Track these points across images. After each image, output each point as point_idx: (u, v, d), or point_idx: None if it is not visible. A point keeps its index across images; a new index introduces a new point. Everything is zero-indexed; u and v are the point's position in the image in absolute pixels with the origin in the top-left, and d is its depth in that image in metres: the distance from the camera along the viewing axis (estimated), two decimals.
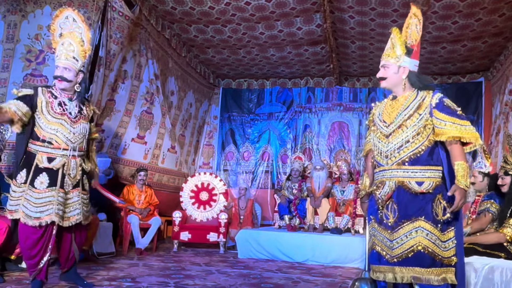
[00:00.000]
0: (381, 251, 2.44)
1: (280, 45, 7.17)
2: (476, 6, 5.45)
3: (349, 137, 8.48)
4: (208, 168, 8.95)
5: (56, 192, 3.11)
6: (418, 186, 2.38)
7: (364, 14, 5.87)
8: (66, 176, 3.18)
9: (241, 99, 9.18)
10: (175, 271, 4.47)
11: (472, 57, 7.15)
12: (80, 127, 3.26)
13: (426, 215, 2.35)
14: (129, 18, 5.69)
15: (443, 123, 2.39)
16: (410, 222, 2.36)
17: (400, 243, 2.36)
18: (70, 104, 3.25)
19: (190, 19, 6.31)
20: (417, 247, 2.30)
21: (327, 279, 4.44)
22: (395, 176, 2.44)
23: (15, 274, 3.85)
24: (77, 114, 3.26)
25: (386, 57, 2.57)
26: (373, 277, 2.52)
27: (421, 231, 2.32)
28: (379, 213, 2.50)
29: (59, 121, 3.16)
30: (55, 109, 3.18)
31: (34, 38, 5.02)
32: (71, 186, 3.22)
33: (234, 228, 6.72)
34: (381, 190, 2.49)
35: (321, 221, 6.22)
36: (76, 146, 3.22)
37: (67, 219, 3.19)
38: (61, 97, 3.23)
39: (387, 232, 2.43)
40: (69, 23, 3.26)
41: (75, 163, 3.23)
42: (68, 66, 3.18)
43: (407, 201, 2.39)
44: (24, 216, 3.03)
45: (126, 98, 6.27)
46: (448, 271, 2.31)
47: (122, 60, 5.94)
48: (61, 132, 3.16)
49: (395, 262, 2.36)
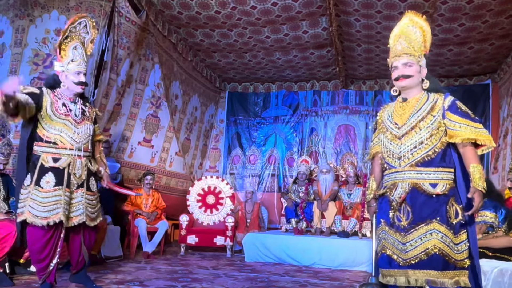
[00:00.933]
0: (392, 255, 2.40)
1: (286, 49, 7.19)
2: (482, 8, 5.43)
3: (355, 140, 8.47)
4: (214, 171, 8.97)
5: (62, 192, 3.12)
6: (432, 188, 2.36)
7: (370, 17, 5.87)
8: (71, 175, 3.19)
9: (247, 102, 9.20)
10: (183, 274, 4.47)
11: (479, 59, 7.12)
12: (84, 128, 3.28)
13: (440, 217, 2.32)
14: (136, 23, 5.72)
15: (457, 125, 2.37)
16: (425, 224, 2.33)
17: (414, 245, 2.32)
18: (73, 106, 3.27)
19: (196, 23, 6.34)
20: (432, 249, 2.27)
21: (335, 282, 4.42)
22: (408, 178, 2.41)
23: (24, 278, 3.88)
24: (81, 115, 3.28)
25: (407, 56, 2.50)
26: (383, 282, 2.46)
27: (436, 233, 2.30)
28: (391, 215, 2.46)
29: (63, 122, 3.18)
30: (60, 110, 3.18)
31: (41, 42, 5.07)
32: (75, 186, 3.22)
33: (241, 232, 6.72)
34: (394, 192, 2.45)
35: (328, 224, 6.20)
36: (81, 146, 3.23)
37: (70, 219, 3.18)
38: (63, 99, 3.24)
39: (399, 234, 2.39)
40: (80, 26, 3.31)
41: (80, 163, 3.24)
42: (84, 71, 3.24)
43: (422, 203, 2.36)
44: (31, 217, 3.03)
45: (130, 102, 6.32)
46: (461, 274, 2.28)
47: (130, 65, 5.98)
48: (66, 132, 3.18)
49: (408, 265, 2.32)
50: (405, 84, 2.50)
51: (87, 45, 3.37)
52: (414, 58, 2.49)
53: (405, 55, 2.49)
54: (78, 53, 3.24)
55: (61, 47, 3.26)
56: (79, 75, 3.23)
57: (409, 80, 2.49)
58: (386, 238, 2.46)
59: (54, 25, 5.12)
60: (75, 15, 3.40)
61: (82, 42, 3.31)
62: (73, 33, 3.29)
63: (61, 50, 3.25)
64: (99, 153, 3.56)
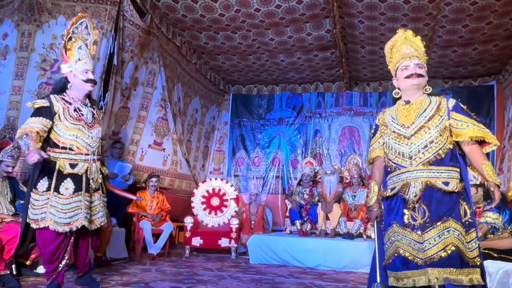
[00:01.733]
0: (408, 256, 2.37)
1: (289, 51, 7.21)
2: (487, 10, 5.43)
3: (359, 141, 8.47)
4: (219, 173, 8.99)
5: (82, 197, 3.14)
6: (445, 186, 2.38)
7: (373, 19, 5.88)
8: (90, 180, 3.21)
9: (251, 104, 9.22)
10: (188, 276, 4.49)
11: (484, 61, 7.11)
12: (96, 131, 3.30)
13: (455, 215, 2.34)
14: (140, 27, 5.77)
15: (464, 124, 2.42)
16: (441, 222, 2.33)
17: (432, 243, 2.31)
18: (85, 109, 3.28)
19: (201, 26, 6.38)
20: (451, 247, 2.27)
21: (340, 284, 4.43)
22: (421, 177, 2.42)
23: (30, 280, 3.91)
24: (92, 119, 3.29)
25: (417, 58, 2.57)
26: (398, 285, 2.39)
27: (453, 231, 2.30)
28: (406, 215, 2.44)
29: (77, 127, 3.19)
30: (72, 115, 3.19)
31: (48, 48, 5.11)
32: (93, 190, 3.25)
33: (246, 234, 6.73)
34: (408, 191, 2.44)
35: (333, 226, 6.20)
36: (95, 150, 3.25)
37: (93, 222, 3.24)
38: (75, 103, 3.25)
39: (415, 234, 2.37)
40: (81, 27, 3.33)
41: (95, 167, 3.26)
42: (91, 69, 3.25)
43: (437, 201, 2.37)
44: (53, 223, 3.04)
45: (138, 105, 6.35)
46: (474, 272, 2.28)
47: (135, 68, 6.02)
48: (81, 138, 3.19)
49: (427, 264, 2.30)
50: (417, 82, 2.53)
51: (90, 46, 3.39)
52: (423, 61, 2.58)
53: (416, 58, 2.57)
54: (83, 52, 3.26)
55: (66, 48, 3.27)
56: (87, 73, 3.24)
57: (422, 79, 2.54)
58: (400, 240, 2.42)
59: (61, 31, 5.15)
60: (75, 16, 3.40)
61: (86, 43, 3.34)
62: (76, 34, 3.32)
63: (67, 51, 3.27)
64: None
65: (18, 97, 5.01)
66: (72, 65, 3.23)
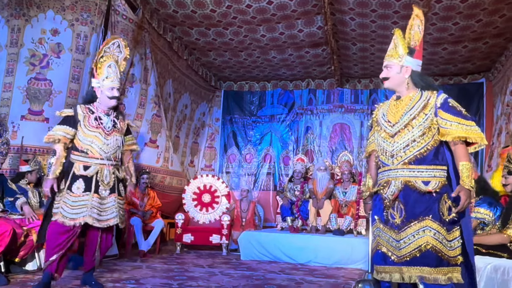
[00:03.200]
0: (386, 252, 2.42)
1: (281, 47, 7.20)
2: (476, 7, 5.47)
3: (350, 138, 8.51)
4: (210, 170, 8.98)
5: (90, 197, 3.41)
6: (424, 185, 2.38)
7: (364, 16, 5.89)
8: (99, 182, 3.47)
9: (242, 101, 9.21)
10: (178, 272, 4.48)
11: (473, 58, 7.17)
12: (113, 139, 3.55)
13: (433, 214, 2.35)
14: (133, 21, 5.72)
15: (448, 123, 2.40)
16: (418, 221, 2.35)
17: (407, 242, 2.35)
18: (106, 119, 3.56)
19: (192, 22, 6.35)
20: (425, 246, 2.30)
21: (330, 280, 4.45)
22: (401, 176, 2.44)
23: (19, 277, 3.88)
24: (111, 127, 3.56)
25: (389, 58, 2.58)
26: (377, 278, 2.49)
27: (429, 230, 2.32)
28: (385, 213, 2.49)
29: (94, 134, 3.48)
30: (91, 123, 3.49)
31: (38, 42, 5.05)
32: (107, 192, 3.50)
33: (237, 230, 6.72)
34: (387, 189, 2.48)
35: (324, 222, 6.23)
36: (110, 156, 3.51)
37: (104, 221, 3.47)
38: (97, 112, 3.56)
39: (393, 232, 2.42)
40: (113, 47, 3.71)
41: (108, 171, 3.51)
42: (117, 87, 3.59)
43: (414, 200, 2.39)
44: (61, 217, 3.35)
45: (136, 102, 6.30)
46: (454, 271, 2.31)
47: (130, 64, 5.98)
48: (96, 143, 3.47)
49: (402, 262, 2.35)
50: (386, 86, 2.62)
51: (120, 62, 3.72)
52: (394, 60, 2.55)
53: (387, 57, 2.60)
54: (112, 70, 3.57)
55: (97, 66, 3.59)
56: (113, 90, 3.55)
57: (388, 82, 2.60)
58: (381, 235, 2.49)
59: (50, 25, 5.10)
60: (109, 38, 3.79)
61: (116, 60, 3.67)
62: (107, 52, 3.66)
63: (97, 69, 3.59)
64: (127, 162, 3.80)
65: (8, 94, 4.95)
66: (100, 81, 3.56)
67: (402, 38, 2.57)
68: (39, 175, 4.67)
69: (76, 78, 5.20)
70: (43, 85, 5.04)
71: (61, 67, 5.12)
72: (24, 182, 4.59)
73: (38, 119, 5.02)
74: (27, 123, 4.96)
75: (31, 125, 4.96)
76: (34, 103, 5.00)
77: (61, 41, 5.12)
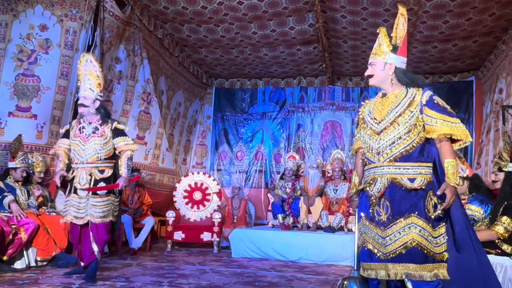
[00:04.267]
0: (373, 249, 2.43)
1: (272, 45, 7.19)
2: (466, 6, 5.51)
3: (341, 136, 8.53)
4: (201, 167, 8.95)
5: (71, 197, 3.89)
6: (410, 182, 2.39)
7: (356, 14, 5.90)
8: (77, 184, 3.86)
9: (234, 98, 9.19)
10: (169, 270, 4.46)
11: (463, 56, 7.22)
12: (91, 144, 3.89)
13: (418, 211, 2.35)
14: (119, 18, 5.67)
15: (434, 121, 2.41)
16: (403, 218, 2.36)
17: (393, 239, 2.36)
18: (88, 127, 3.93)
19: (183, 18, 6.31)
20: (410, 243, 2.31)
21: (320, 277, 4.47)
22: (387, 173, 2.45)
23: (7, 275, 3.83)
24: (91, 134, 3.91)
25: (373, 56, 2.61)
26: (364, 275, 2.49)
27: (414, 227, 2.33)
28: (371, 210, 2.50)
29: (75, 142, 3.93)
30: (76, 134, 3.95)
31: (26, 38, 4.97)
32: (85, 193, 3.85)
33: (228, 228, 6.72)
34: (374, 186, 2.49)
35: (314, 219, 6.24)
36: (86, 160, 3.87)
37: (81, 219, 3.86)
38: (83, 122, 3.97)
39: (379, 229, 2.43)
40: (88, 64, 4.00)
41: (84, 173, 3.86)
42: (86, 96, 3.91)
43: (400, 197, 2.40)
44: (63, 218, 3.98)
45: (122, 99, 6.25)
46: (440, 267, 2.32)
47: (116, 60, 5.93)
48: (76, 150, 3.91)
49: (388, 259, 2.36)
50: (371, 83, 2.66)
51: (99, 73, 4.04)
52: (378, 57, 2.58)
53: (372, 55, 2.63)
54: (84, 84, 3.96)
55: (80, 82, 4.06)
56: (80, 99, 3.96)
57: (372, 80, 2.63)
58: (367, 232, 2.49)
59: (38, 21, 5.03)
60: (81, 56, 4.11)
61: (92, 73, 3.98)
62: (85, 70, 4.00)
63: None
64: (121, 160, 4.00)
65: None
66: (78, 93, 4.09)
67: (386, 36, 2.59)
68: (26, 173, 4.62)
69: (65, 74, 5.15)
70: (31, 81, 4.97)
71: (49, 63, 5.05)
72: (13, 180, 4.54)
73: (26, 116, 4.97)
74: (14, 119, 4.90)
75: (19, 121, 4.90)
76: (22, 99, 4.94)
77: (49, 36, 5.05)
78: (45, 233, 4.37)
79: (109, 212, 3.90)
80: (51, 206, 4.89)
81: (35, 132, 5.01)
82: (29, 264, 4.26)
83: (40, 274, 3.94)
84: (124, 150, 3.98)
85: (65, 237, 4.54)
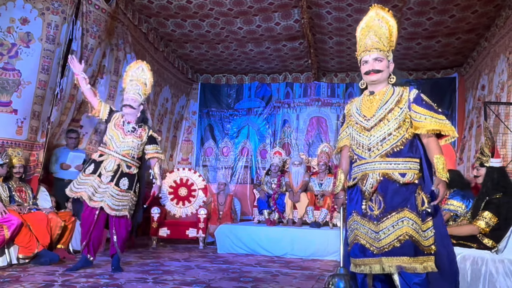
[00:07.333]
0: (365, 244, 2.44)
1: (258, 40, 7.17)
2: (450, 3, 5.57)
3: (327, 132, 8.58)
4: (187, 163, 8.91)
5: (93, 178, 4.03)
6: (401, 177, 2.42)
7: (341, 10, 5.92)
8: (104, 168, 4.04)
9: (220, 94, 9.16)
10: (154, 267, 4.44)
11: (446, 53, 7.30)
12: (129, 140, 4.14)
13: (410, 205, 2.39)
14: (106, 11, 5.58)
15: (423, 117, 2.45)
16: (396, 212, 2.39)
17: (387, 233, 2.38)
18: (127, 125, 4.19)
19: (167, 13, 6.24)
20: (404, 236, 2.34)
21: (306, 272, 4.49)
22: (379, 168, 2.47)
23: None
24: (130, 131, 4.18)
25: (377, 51, 2.55)
26: (357, 271, 2.49)
27: (407, 221, 2.36)
28: (363, 205, 2.51)
29: (116, 132, 4.15)
30: (119, 124, 4.19)
31: (6, 31, 4.86)
32: (108, 179, 4.03)
33: (213, 224, 6.70)
34: (366, 182, 2.50)
35: (300, 215, 6.27)
36: (120, 150, 4.09)
37: (94, 202, 3.98)
38: (125, 119, 4.23)
39: (372, 224, 2.44)
40: (139, 71, 4.32)
41: (113, 162, 4.07)
42: (134, 99, 4.18)
43: (393, 192, 2.43)
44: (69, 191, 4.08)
45: (106, 94, 6.16)
46: (429, 260, 2.36)
47: (102, 55, 5.84)
48: (114, 138, 4.13)
49: (382, 253, 2.37)
50: (375, 79, 2.57)
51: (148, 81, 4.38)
52: (383, 53, 2.55)
53: (375, 50, 2.55)
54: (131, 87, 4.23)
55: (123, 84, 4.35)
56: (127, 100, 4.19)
57: (379, 75, 2.55)
58: (359, 228, 2.50)
59: (19, 14, 4.91)
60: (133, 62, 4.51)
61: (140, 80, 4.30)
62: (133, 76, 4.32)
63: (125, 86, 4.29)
64: (153, 167, 4.35)
65: None
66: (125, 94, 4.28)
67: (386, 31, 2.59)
68: (8, 169, 4.53)
69: (46, 68, 5.05)
70: (11, 76, 4.87)
71: (30, 57, 4.95)
72: None
73: (6, 111, 4.87)
74: None
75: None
76: (2, 94, 4.83)
77: (30, 30, 4.95)
78: (27, 230, 4.30)
79: (125, 207, 4.07)
80: (33, 203, 4.81)
81: (15, 128, 4.92)
82: (11, 262, 4.19)
83: (22, 272, 3.87)
84: (154, 157, 4.30)
85: (47, 234, 4.48)
